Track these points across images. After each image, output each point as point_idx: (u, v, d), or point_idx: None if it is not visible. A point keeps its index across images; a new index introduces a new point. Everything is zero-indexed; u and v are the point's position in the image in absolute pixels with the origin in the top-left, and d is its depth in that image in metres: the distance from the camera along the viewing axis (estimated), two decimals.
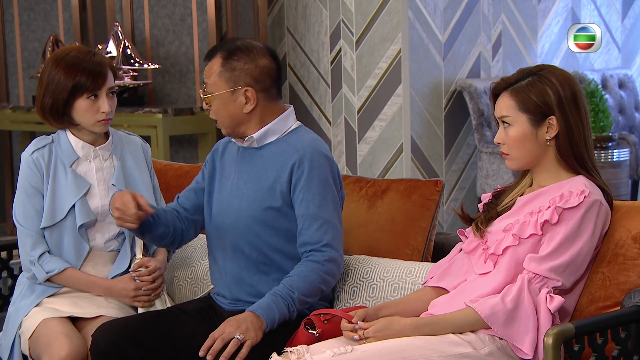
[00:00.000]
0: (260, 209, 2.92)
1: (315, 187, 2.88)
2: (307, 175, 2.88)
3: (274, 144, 2.97)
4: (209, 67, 2.94)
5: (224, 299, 3.02)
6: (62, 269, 3.11)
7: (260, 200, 2.92)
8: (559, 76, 2.64)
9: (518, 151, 2.66)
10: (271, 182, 2.92)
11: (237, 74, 2.90)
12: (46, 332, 3.00)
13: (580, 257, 2.59)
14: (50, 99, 3.09)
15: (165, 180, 3.53)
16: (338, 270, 2.90)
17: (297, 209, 2.89)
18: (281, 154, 2.93)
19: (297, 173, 2.88)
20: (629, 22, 7.17)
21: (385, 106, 5.55)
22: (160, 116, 5.58)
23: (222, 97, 2.92)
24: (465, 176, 5.90)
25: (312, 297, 2.87)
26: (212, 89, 2.93)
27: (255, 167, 2.96)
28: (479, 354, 2.52)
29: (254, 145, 2.97)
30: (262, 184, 2.94)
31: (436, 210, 3.13)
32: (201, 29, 6.00)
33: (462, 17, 5.83)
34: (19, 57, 6.89)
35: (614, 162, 6.06)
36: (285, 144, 2.94)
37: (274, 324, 2.78)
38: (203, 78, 2.96)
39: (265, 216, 2.91)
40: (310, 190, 2.87)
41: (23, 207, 3.13)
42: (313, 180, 2.88)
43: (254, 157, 2.98)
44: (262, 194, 2.93)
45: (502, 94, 2.67)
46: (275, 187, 2.92)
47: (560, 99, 2.62)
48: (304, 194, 2.87)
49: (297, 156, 2.89)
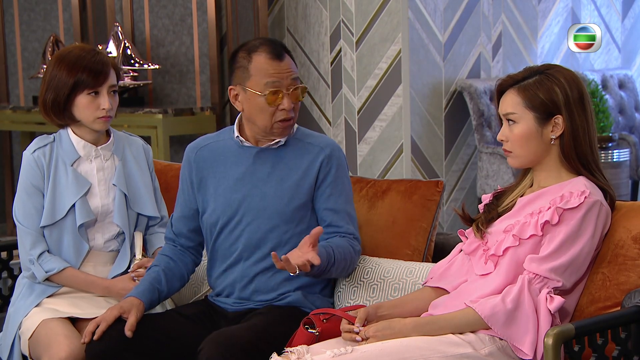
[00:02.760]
0: (286, 206, 2.96)
1: (341, 182, 2.99)
2: (336, 171, 2.98)
3: (288, 144, 3.00)
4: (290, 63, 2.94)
5: (227, 298, 3.02)
6: (61, 269, 3.11)
7: (289, 199, 2.96)
8: (567, 76, 2.64)
9: (521, 149, 2.66)
10: (297, 180, 2.97)
11: None
12: (46, 333, 3.00)
13: (580, 257, 2.58)
14: (51, 95, 3.10)
15: (165, 181, 3.52)
16: (357, 262, 3.03)
17: (323, 202, 2.96)
18: (305, 153, 2.98)
19: (325, 169, 2.97)
20: (629, 23, 7.17)
21: (385, 106, 5.55)
22: (161, 116, 5.58)
23: None
24: (465, 176, 5.90)
25: (335, 269, 2.89)
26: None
27: (277, 166, 2.99)
28: (479, 354, 2.52)
29: (273, 147, 2.99)
30: (286, 183, 2.97)
31: (437, 210, 3.13)
32: (201, 29, 6.00)
33: (462, 17, 5.83)
34: (19, 57, 6.89)
35: (614, 163, 6.06)
36: (301, 143, 3.00)
37: (328, 263, 2.81)
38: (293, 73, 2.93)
39: (291, 213, 2.96)
40: (337, 186, 2.97)
41: (23, 206, 3.14)
42: (340, 177, 2.99)
43: (271, 157, 3.00)
44: (290, 192, 2.96)
45: (509, 91, 2.67)
46: (303, 184, 2.97)
47: (567, 99, 2.62)
48: (332, 189, 2.97)
49: (324, 154, 2.98)
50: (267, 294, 2.97)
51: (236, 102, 2.97)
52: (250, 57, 2.91)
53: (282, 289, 2.97)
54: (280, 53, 2.91)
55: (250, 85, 2.91)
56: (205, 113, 5.79)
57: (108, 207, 3.16)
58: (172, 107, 5.80)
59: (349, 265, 2.96)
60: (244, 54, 2.94)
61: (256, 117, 2.93)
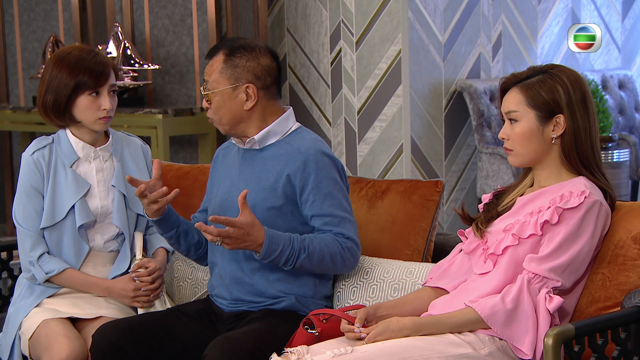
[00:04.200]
0: (262, 209, 2.92)
1: (325, 187, 2.91)
2: (315, 177, 2.91)
3: (275, 145, 2.98)
4: (210, 65, 2.95)
5: (223, 300, 3.02)
6: (61, 270, 3.11)
7: (263, 201, 2.93)
8: (570, 76, 2.65)
9: (522, 147, 2.66)
10: (272, 182, 2.94)
11: (239, 70, 2.93)
12: (46, 333, 3.00)
13: (580, 257, 2.59)
14: (52, 96, 3.10)
15: (165, 181, 3.51)
16: (354, 262, 2.96)
17: (308, 209, 2.92)
18: (283, 155, 2.94)
19: (304, 176, 2.91)
20: (629, 23, 7.17)
21: (385, 107, 5.55)
22: (160, 117, 5.58)
23: (222, 93, 2.93)
24: (465, 177, 5.90)
25: (316, 266, 2.89)
26: (213, 85, 2.94)
27: (256, 168, 2.97)
28: (479, 354, 2.52)
29: (255, 147, 2.98)
30: (263, 185, 2.95)
31: (436, 210, 3.13)
32: (201, 30, 6.00)
33: (462, 17, 5.83)
34: (19, 57, 6.89)
35: (614, 163, 6.06)
36: (287, 145, 2.96)
37: (265, 260, 2.84)
38: (204, 77, 2.97)
39: (267, 216, 2.92)
40: (320, 191, 2.91)
41: (23, 207, 3.14)
42: (322, 181, 2.91)
43: (255, 158, 2.99)
44: (263, 194, 2.94)
45: (512, 89, 2.68)
46: (277, 186, 2.93)
47: (570, 99, 2.62)
48: (315, 195, 2.90)
49: (301, 159, 2.91)
50: (260, 297, 2.96)
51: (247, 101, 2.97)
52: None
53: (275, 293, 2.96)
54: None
55: None
56: (205, 113, 5.79)
57: (107, 208, 3.16)
58: (172, 107, 5.80)
59: (335, 260, 2.90)
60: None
61: None
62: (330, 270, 2.96)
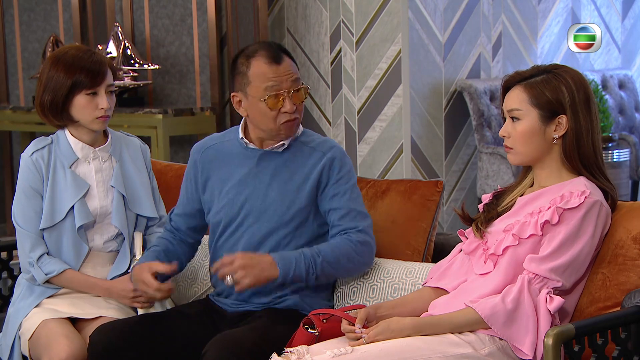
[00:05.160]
0: (287, 210, 2.96)
1: (344, 183, 2.97)
2: (338, 173, 2.97)
3: (291, 147, 3.00)
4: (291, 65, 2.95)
5: (226, 299, 3.02)
6: (61, 271, 3.11)
7: (290, 202, 2.96)
8: (574, 77, 2.65)
9: (523, 146, 2.66)
10: (299, 184, 2.97)
11: None
12: (46, 333, 3.00)
13: (580, 257, 2.58)
14: (49, 96, 3.09)
15: (165, 181, 3.52)
16: (370, 255, 2.98)
17: (327, 204, 2.96)
18: (307, 157, 2.98)
19: (328, 173, 2.96)
20: (629, 23, 7.17)
21: (385, 107, 5.55)
22: (160, 117, 5.58)
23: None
24: (465, 177, 5.90)
25: (335, 269, 2.92)
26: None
27: (279, 169, 2.99)
28: (479, 354, 2.52)
29: (278, 150, 2.99)
30: (288, 187, 2.97)
31: (436, 210, 3.13)
32: (201, 30, 6.00)
33: (462, 17, 5.83)
34: (19, 57, 6.89)
35: (614, 163, 6.06)
36: (306, 147, 3.00)
37: (287, 278, 2.86)
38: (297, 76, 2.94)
39: (291, 217, 2.96)
40: (341, 187, 2.96)
41: (22, 208, 3.13)
42: (343, 177, 2.97)
43: (275, 160, 3.00)
44: (290, 195, 2.97)
45: (515, 87, 2.68)
46: (303, 188, 2.96)
47: (573, 99, 2.62)
48: (335, 189, 2.96)
49: (326, 158, 2.97)
50: (266, 296, 2.97)
51: (240, 108, 2.97)
52: (249, 63, 2.91)
53: (280, 292, 2.96)
54: (278, 56, 2.91)
55: (251, 91, 2.91)
56: (205, 113, 5.80)
57: (107, 208, 3.16)
58: (172, 107, 5.80)
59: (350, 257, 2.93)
60: (243, 59, 2.94)
61: (260, 122, 2.94)
62: (351, 270, 2.99)
